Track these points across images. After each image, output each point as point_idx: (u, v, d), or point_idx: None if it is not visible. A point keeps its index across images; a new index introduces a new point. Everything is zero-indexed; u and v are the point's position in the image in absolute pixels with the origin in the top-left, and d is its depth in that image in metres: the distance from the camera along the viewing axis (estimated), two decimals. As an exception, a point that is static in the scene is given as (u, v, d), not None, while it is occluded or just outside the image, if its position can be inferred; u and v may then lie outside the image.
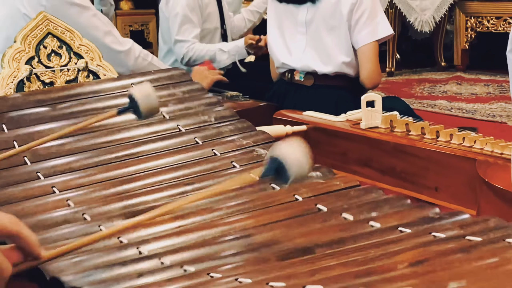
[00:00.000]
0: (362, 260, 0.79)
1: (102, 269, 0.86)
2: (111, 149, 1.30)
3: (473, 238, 0.82)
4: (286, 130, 1.77)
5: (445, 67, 5.19)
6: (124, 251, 0.92)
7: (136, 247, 0.93)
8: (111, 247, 0.94)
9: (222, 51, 3.20)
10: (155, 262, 0.88)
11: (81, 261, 0.89)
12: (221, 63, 3.20)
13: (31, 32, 1.59)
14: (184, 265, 0.85)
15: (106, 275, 0.85)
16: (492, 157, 1.52)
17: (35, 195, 1.14)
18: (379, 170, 1.73)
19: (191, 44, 3.17)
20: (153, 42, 5.82)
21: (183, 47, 3.17)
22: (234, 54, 3.21)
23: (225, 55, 3.20)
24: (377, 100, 1.80)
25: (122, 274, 0.85)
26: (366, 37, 2.50)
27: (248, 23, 3.67)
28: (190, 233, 0.97)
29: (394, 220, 0.94)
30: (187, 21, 3.17)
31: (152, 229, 1.00)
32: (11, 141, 1.31)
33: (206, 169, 1.23)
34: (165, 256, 0.89)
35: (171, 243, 0.94)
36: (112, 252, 0.92)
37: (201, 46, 3.19)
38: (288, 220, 1.00)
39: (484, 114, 3.63)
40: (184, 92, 1.52)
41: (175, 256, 0.89)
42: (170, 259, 0.88)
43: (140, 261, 0.88)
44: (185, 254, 0.90)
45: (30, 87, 1.54)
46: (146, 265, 0.87)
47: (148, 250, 0.92)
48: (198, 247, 0.91)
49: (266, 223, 0.99)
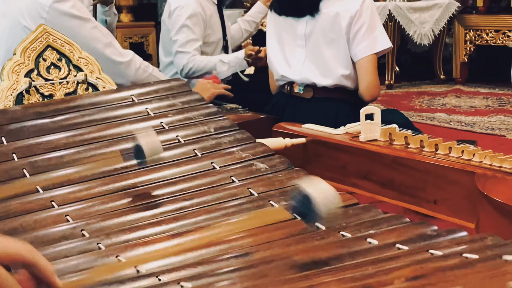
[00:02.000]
0: (358, 277, 0.78)
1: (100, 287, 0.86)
2: (109, 161, 1.30)
3: (470, 256, 0.82)
4: (285, 143, 1.77)
5: (444, 80, 5.20)
6: (122, 270, 0.92)
7: (134, 266, 0.93)
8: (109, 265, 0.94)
9: (222, 62, 3.20)
10: (152, 280, 0.87)
11: (80, 280, 0.89)
12: (222, 74, 3.21)
13: (30, 44, 1.59)
14: (181, 282, 0.85)
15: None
16: (491, 170, 1.52)
17: (34, 209, 1.14)
18: (378, 183, 1.73)
19: (192, 56, 3.18)
20: (152, 54, 5.84)
21: (183, 58, 3.18)
22: (234, 66, 3.22)
23: (225, 66, 3.20)
24: (376, 113, 1.80)
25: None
26: (365, 50, 2.50)
27: (244, 33, 3.68)
28: (188, 252, 0.97)
29: (391, 237, 0.94)
30: (190, 33, 3.18)
31: (150, 246, 0.99)
32: (10, 153, 1.31)
33: (205, 183, 1.23)
34: (163, 274, 0.89)
35: (169, 262, 0.94)
36: (110, 271, 0.92)
37: (201, 58, 3.21)
38: (287, 239, 1.00)
39: (483, 127, 3.63)
40: (184, 102, 1.53)
41: (172, 274, 0.89)
42: (167, 276, 0.88)
43: (138, 280, 0.88)
44: (183, 272, 0.90)
45: (29, 100, 1.54)
46: (144, 283, 0.87)
47: (146, 269, 0.92)
48: (195, 265, 0.91)
49: (265, 242, 0.98)
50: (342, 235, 0.99)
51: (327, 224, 0.87)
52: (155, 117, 1.46)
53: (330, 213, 0.83)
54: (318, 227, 1.03)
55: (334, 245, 0.94)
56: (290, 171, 1.27)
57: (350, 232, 1.00)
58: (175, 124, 1.45)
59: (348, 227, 1.01)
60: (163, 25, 3.36)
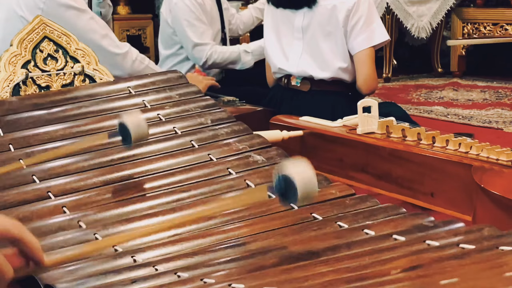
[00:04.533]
0: (355, 267, 0.79)
1: (96, 277, 0.86)
2: (106, 152, 1.30)
3: (466, 246, 0.82)
4: (283, 135, 1.77)
5: (441, 73, 5.19)
6: (119, 259, 0.92)
7: (131, 255, 0.93)
8: (106, 255, 0.94)
9: (246, 52, 3.18)
10: (149, 270, 0.87)
11: (76, 269, 0.89)
12: (246, 64, 3.20)
13: (27, 35, 1.59)
14: (178, 272, 0.85)
15: (100, 283, 0.85)
16: (488, 163, 1.52)
17: (31, 200, 1.14)
18: (375, 175, 1.73)
19: (212, 46, 3.14)
20: (150, 47, 5.82)
21: (204, 50, 3.13)
22: (258, 55, 3.20)
23: (249, 56, 3.19)
24: (373, 105, 1.80)
25: (116, 281, 0.84)
26: (362, 43, 2.50)
27: (256, 20, 3.66)
28: (184, 241, 0.97)
29: (388, 228, 0.94)
30: (201, 24, 3.15)
31: (147, 238, 0.99)
32: (6, 144, 1.31)
33: (202, 175, 1.23)
34: (160, 264, 0.89)
35: (165, 252, 0.94)
36: (107, 260, 0.92)
37: (223, 48, 3.17)
38: (283, 228, 1.00)
39: (480, 120, 3.63)
40: (181, 94, 1.52)
41: (169, 263, 0.89)
42: (164, 266, 0.88)
43: (135, 269, 0.88)
44: (180, 262, 0.90)
45: (26, 91, 1.54)
46: (140, 272, 0.87)
47: (143, 259, 0.92)
48: (192, 255, 0.91)
49: (261, 232, 0.99)
50: (339, 226, 0.99)
51: (301, 204, 0.86)
52: (152, 109, 1.46)
53: (307, 195, 0.82)
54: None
55: (331, 236, 0.94)
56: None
57: (347, 222, 1.00)
58: (172, 116, 1.45)
59: (345, 217, 1.01)
60: (163, 18, 3.34)
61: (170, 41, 3.28)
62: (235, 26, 3.60)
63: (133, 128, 1.14)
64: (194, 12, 3.13)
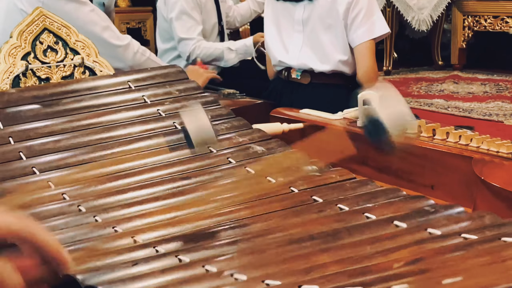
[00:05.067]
0: (357, 258, 0.79)
1: (96, 257, 0.86)
2: (106, 146, 1.30)
3: (468, 236, 0.82)
4: (283, 128, 1.77)
5: (442, 66, 5.19)
6: (118, 240, 0.92)
7: (131, 236, 0.93)
8: (106, 236, 0.94)
9: (229, 49, 3.18)
10: (149, 251, 0.88)
11: (76, 250, 0.89)
12: (229, 62, 3.19)
13: (27, 27, 1.59)
14: (179, 254, 0.85)
15: (100, 263, 0.84)
16: (489, 155, 1.52)
17: (31, 190, 1.14)
18: (375, 168, 1.73)
19: (197, 41, 3.14)
20: (150, 40, 5.81)
21: (188, 44, 3.14)
22: (242, 53, 3.19)
23: (232, 53, 3.18)
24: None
25: (116, 262, 0.84)
26: (363, 35, 2.50)
27: (253, 13, 3.66)
28: (185, 223, 0.97)
29: (389, 212, 0.94)
30: (189, 19, 3.15)
31: (148, 219, 1.00)
32: (6, 137, 1.31)
33: (202, 165, 1.23)
34: (160, 244, 0.89)
35: (166, 233, 0.94)
36: (107, 241, 0.92)
37: (208, 44, 3.17)
38: (284, 211, 1.00)
39: (480, 113, 3.64)
40: (180, 90, 1.52)
41: (169, 245, 0.89)
42: (164, 247, 0.88)
43: (135, 250, 0.88)
44: (180, 243, 0.90)
45: (26, 83, 1.54)
46: (141, 253, 0.87)
47: (143, 239, 0.92)
48: (193, 237, 0.91)
49: (262, 214, 0.99)
50: (339, 208, 1.00)
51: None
52: (152, 105, 1.46)
53: (398, 132, 0.82)
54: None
55: (332, 219, 0.94)
56: (288, 152, 1.28)
57: (348, 205, 1.00)
58: (172, 112, 1.45)
59: (346, 200, 1.02)
60: (159, 11, 3.34)
61: (166, 35, 3.28)
62: (232, 19, 3.60)
63: (194, 132, 1.13)
64: (185, 7, 3.13)
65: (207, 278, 0.78)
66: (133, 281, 0.78)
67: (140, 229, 0.95)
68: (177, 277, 0.78)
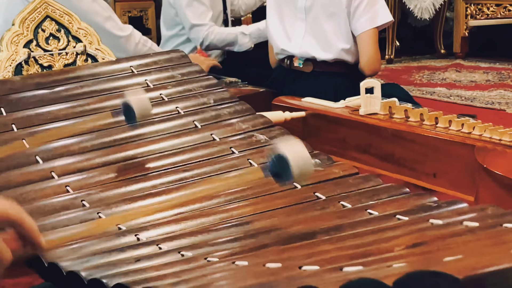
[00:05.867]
0: (358, 244, 0.79)
1: (100, 255, 0.87)
2: (109, 132, 1.30)
3: (470, 224, 0.82)
4: (285, 116, 1.77)
5: (444, 55, 5.17)
6: (122, 237, 0.92)
7: (135, 234, 0.93)
8: (110, 234, 0.94)
9: (243, 34, 3.16)
10: (152, 248, 0.88)
11: (80, 247, 0.89)
12: (243, 46, 3.18)
13: (29, 15, 1.58)
14: (181, 251, 0.85)
15: (104, 261, 0.85)
16: (491, 143, 1.52)
17: (34, 180, 1.14)
18: (378, 156, 1.73)
19: (210, 27, 3.13)
20: (152, 29, 5.79)
21: (201, 30, 3.12)
22: (256, 37, 3.18)
23: (246, 38, 3.17)
24: (376, 86, 1.79)
25: (120, 259, 0.85)
26: (366, 24, 2.49)
27: (258, 2, 3.64)
28: (188, 220, 0.97)
29: (392, 208, 0.94)
30: (200, 5, 3.13)
31: (151, 216, 0.99)
32: (9, 124, 1.31)
33: (205, 155, 1.23)
34: (163, 242, 0.89)
35: (169, 230, 0.94)
36: (111, 239, 0.92)
37: (220, 29, 3.16)
38: (287, 208, 1.00)
39: (483, 101, 3.63)
40: (183, 74, 1.52)
41: (172, 242, 0.89)
42: (167, 245, 0.88)
43: (138, 247, 0.88)
44: (183, 240, 0.90)
45: (28, 71, 1.54)
46: (144, 251, 0.87)
47: (146, 237, 0.92)
48: (196, 234, 0.91)
49: (265, 211, 0.99)
50: (342, 205, 0.99)
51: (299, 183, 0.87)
52: (155, 89, 1.46)
53: (302, 174, 0.82)
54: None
55: (334, 216, 0.94)
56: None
57: (350, 202, 1.00)
58: (175, 96, 1.44)
59: (348, 197, 1.01)
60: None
61: (172, 22, 3.27)
62: (237, 7, 3.59)
63: (137, 105, 1.13)
64: None
65: (209, 267, 0.78)
66: (136, 274, 0.78)
67: (143, 227, 0.96)
68: (180, 269, 0.78)
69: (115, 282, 0.75)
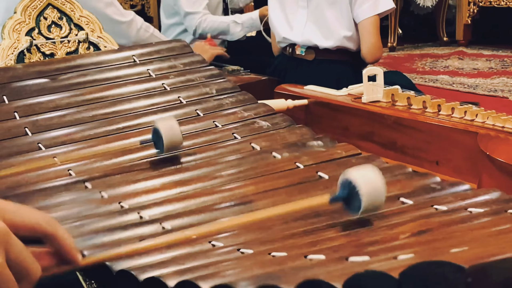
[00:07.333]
0: (364, 232, 0.79)
1: (103, 233, 0.86)
2: (112, 121, 1.30)
3: (475, 210, 0.82)
4: (287, 104, 1.77)
5: (447, 42, 5.16)
6: (124, 215, 0.92)
7: (137, 212, 0.93)
8: (112, 211, 0.94)
9: (235, 23, 3.15)
10: (155, 227, 0.88)
11: (82, 225, 0.89)
12: (235, 35, 3.17)
13: (31, 3, 1.58)
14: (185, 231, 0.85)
15: (107, 239, 0.84)
16: (494, 131, 1.52)
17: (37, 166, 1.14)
18: (380, 144, 1.73)
19: (203, 15, 3.12)
20: (153, 17, 5.78)
21: (194, 18, 3.12)
22: (248, 27, 3.17)
23: (238, 27, 3.16)
24: (378, 74, 1.79)
25: (123, 238, 0.85)
26: (367, 11, 2.48)
27: None
28: (191, 199, 0.97)
29: (395, 189, 0.94)
30: None
31: (153, 195, 1.00)
32: (12, 112, 1.31)
33: (207, 140, 1.23)
34: (166, 221, 0.89)
35: (171, 209, 0.94)
36: (113, 217, 0.92)
37: (213, 17, 3.15)
38: (289, 187, 1.00)
39: (485, 89, 3.62)
40: (185, 64, 1.52)
41: (175, 221, 0.89)
42: (170, 223, 0.88)
43: (141, 226, 0.88)
44: (186, 219, 0.90)
45: (30, 59, 1.54)
46: (147, 229, 0.87)
47: (149, 215, 0.92)
48: (198, 213, 0.91)
49: (268, 190, 0.99)
50: None
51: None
52: (157, 78, 1.46)
53: (372, 205, 0.81)
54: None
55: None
56: (293, 127, 1.28)
57: None
58: (177, 86, 1.44)
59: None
60: (164, -14, 3.32)
61: (171, 10, 3.26)
62: None
63: (167, 134, 1.12)
64: None
65: (214, 253, 0.78)
66: (140, 257, 0.77)
67: (146, 205, 0.95)
68: (185, 253, 0.78)
69: (145, 276, 0.74)
